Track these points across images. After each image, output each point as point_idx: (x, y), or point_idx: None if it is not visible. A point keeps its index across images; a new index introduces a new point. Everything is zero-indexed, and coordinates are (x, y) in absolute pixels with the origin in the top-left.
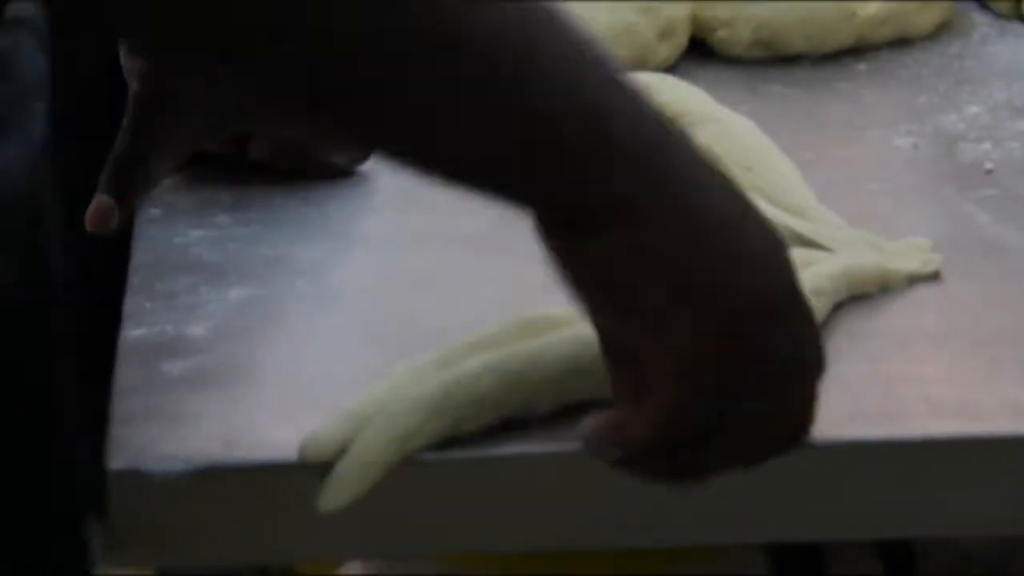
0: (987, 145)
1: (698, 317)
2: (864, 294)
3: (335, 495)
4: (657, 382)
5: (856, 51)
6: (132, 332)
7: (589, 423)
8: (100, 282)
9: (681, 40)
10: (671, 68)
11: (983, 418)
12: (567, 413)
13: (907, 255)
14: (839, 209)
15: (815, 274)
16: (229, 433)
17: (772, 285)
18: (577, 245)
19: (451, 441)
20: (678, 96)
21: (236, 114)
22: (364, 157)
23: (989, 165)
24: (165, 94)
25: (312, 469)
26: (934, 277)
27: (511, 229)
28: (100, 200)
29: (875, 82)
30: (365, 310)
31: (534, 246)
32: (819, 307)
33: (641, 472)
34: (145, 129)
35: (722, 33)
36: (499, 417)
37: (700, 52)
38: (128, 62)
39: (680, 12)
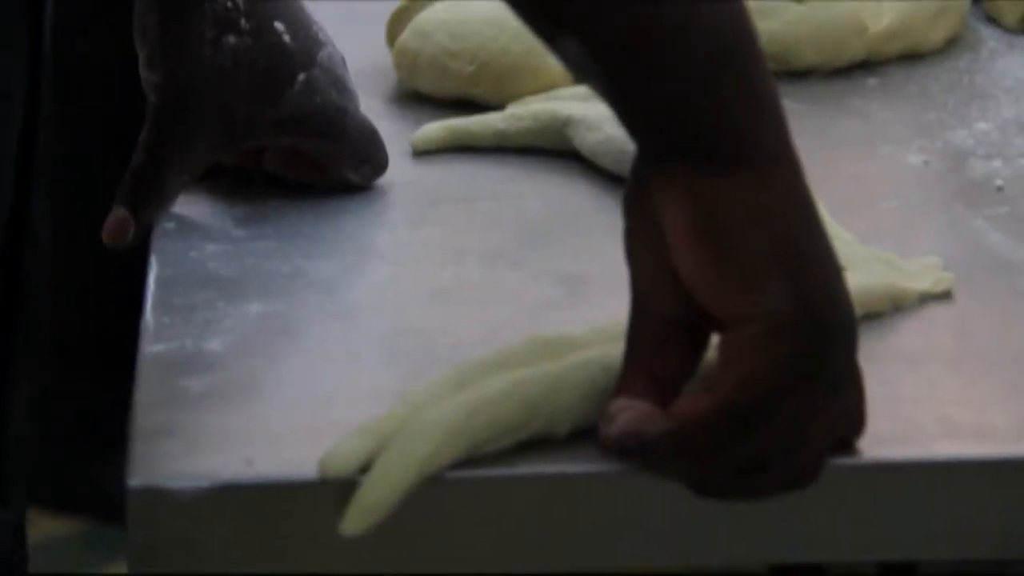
0: (997, 162)
1: (794, 284)
2: (876, 313)
3: (357, 520)
4: (737, 338)
5: (866, 66)
6: (151, 347)
7: (614, 423)
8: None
9: None
10: None
11: (1001, 440)
12: (586, 434)
13: (919, 274)
14: (851, 226)
15: None
16: (249, 450)
17: (847, 290)
18: (699, 179)
19: (470, 460)
20: None
21: (251, 128)
22: (377, 173)
23: (999, 182)
24: (183, 108)
25: (332, 486)
26: (946, 296)
27: (525, 245)
28: (117, 213)
29: (886, 97)
30: (381, 326)
31: (548, 262)
32: None
33: (672, 458)
34: (162, 143)
35: None
36: (518, 440)
37: None
38: (146, 74)
39: None
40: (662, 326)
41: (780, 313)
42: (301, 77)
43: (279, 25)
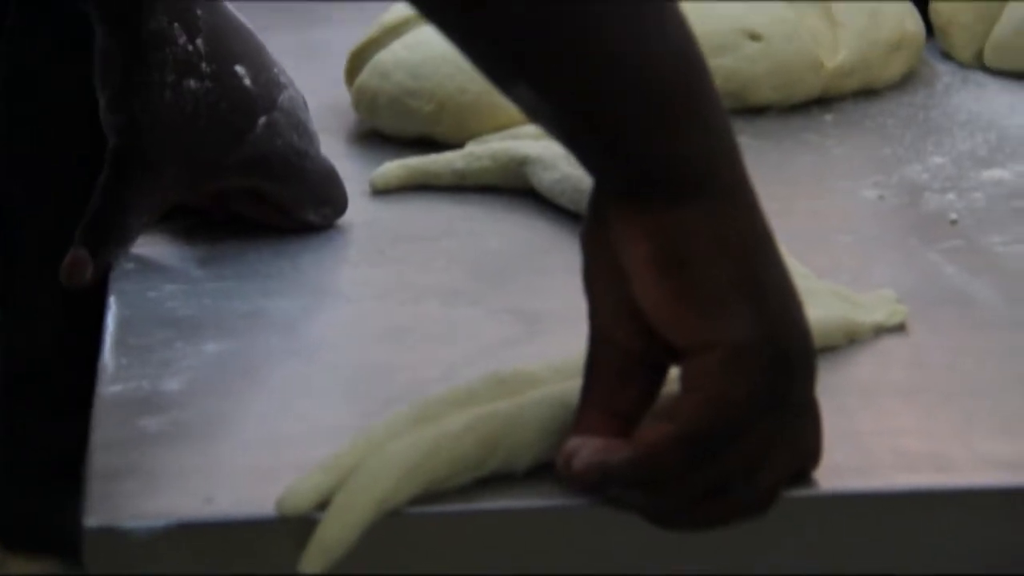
0: (951, 196)
1: (756, 311)
2: (831, 347)
3: (316, 558)
4: (698, 378)
5: (823, 101)
6: (109, 388)
7: (575, 459)
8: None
9: None
10: None
11: (956, 471)
12: (545, 469)
13: (874, 307)
14: (808, 261)
15: None
16: (207, 489)
17: (806, 319)
18: (658, 212)
19: (430, 496)
20: None
21: (212, 170)
22: (338, 214)
23: (953, 216)
24: (142, 150)
25: (290, 524)
26: (900, 329)
27: (483, 283)
28: (76, 253)
29: (842, 133)
30: (340, 364)
31: (506, 299)
32: None
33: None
34: (122, 185)
35: None
36: (478, 476)
37: None
38: (107, 117)
39: None
40: (621, 359)
41: (743, 340)
42: (262, 120)
43: (240, 69)
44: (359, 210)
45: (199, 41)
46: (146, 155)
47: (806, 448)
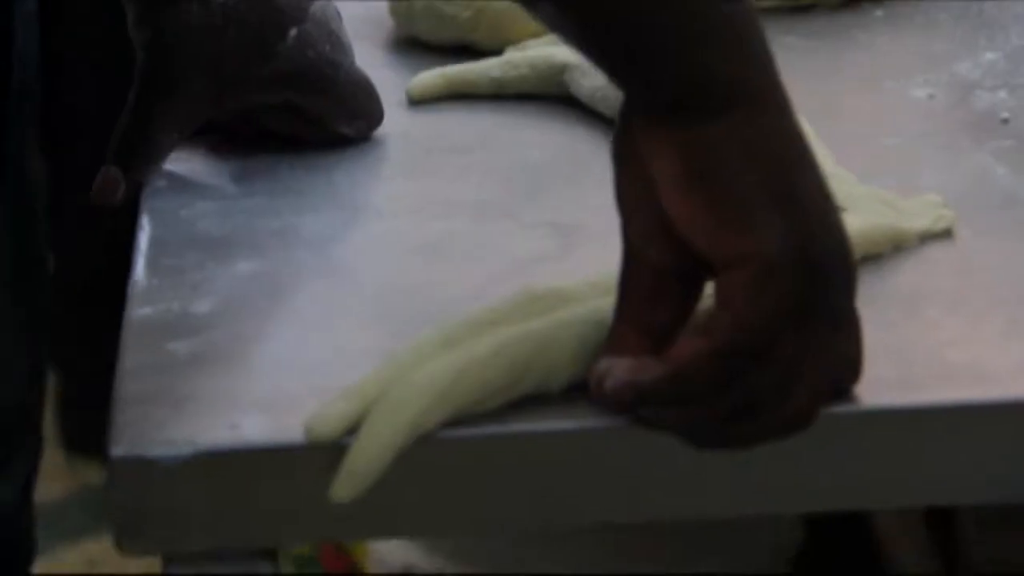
0: (1003, 94)
1: (789, 223)
2: (875, 254)
3: (347, 486)
4: (735, 278)
5: None
6: (138, 311)
7: (607, 378)
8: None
9: None
10: None
11: (998, 382)
12: (581, 389)
13: (920, 212)
14: (854, 163)
15: None
16: (234, 415)
17: (845, 230)
18: (686, 127)
19: (461, 420)
20: None
21: (242, 84)
22: (372, 126)
23: (1005, 114)
24: (171, 66)
25: (319, 451)
26: (947, 234)
27: (519, 195)
28: (107, 172)
29: (892, 29)
30: (371, 282)
31: (542, 213)
32: None
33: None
34: (150, 101)
35: None
36: (508, 400)
37: None
38: (134, 33)
39: None
40: (654, 275)
41: (775, 253)
42: (293, 32)
43: None
44: (395, 121)
45: None
46: (174, 70)
47: (845, 360)
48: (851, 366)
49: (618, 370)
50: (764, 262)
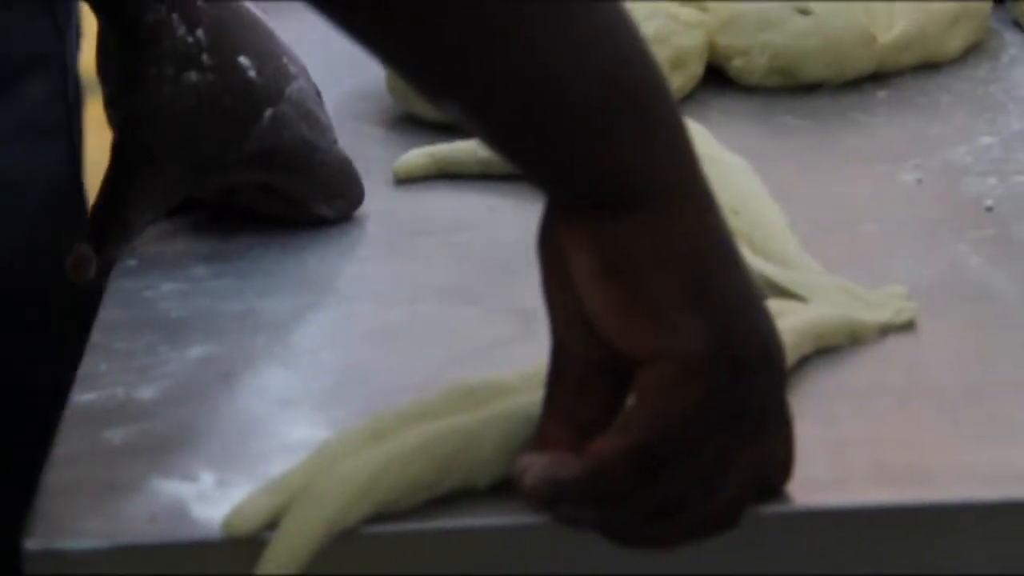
0: (992, 180)
1: (707, 320)
2: (833, 347)
3: None
4: (652, 376)
5: (878, 77)
6: (81, 397)
7: (528, 473)
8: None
9: (695, 70)
10: (686, 98)
11: (934, 484)
12: (509, 483)
13: (882, 305)
14: (829, 250)
15: (780, 328)
16: (158, 507)
17: (772, 325)
18: (602, 223)
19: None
20: None
21: (217, 165)
22: (352, 206)
23: (990, 202)
24: (147, 144)
25: (237, 545)
26: (908, 327)
27: (488, 279)
28: (79, 250)
29: (892, 111)
30: (321, 369)
31: (507, 297)
32: None
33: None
34: (124, 182)
35: (738, 62)
36: (433, 496)
37: (718, 81)
38: (110, 111)
39: (694, 42)
40: (581, 370)
41: (693, 351)
42: (268, 113)
43: (244, 60)
44: (381, 199)
45: (200, 32)
46: (148, 151)
47: (773, 460)
48: (780, 466)
49: (537, 466)
50: (681, 361)
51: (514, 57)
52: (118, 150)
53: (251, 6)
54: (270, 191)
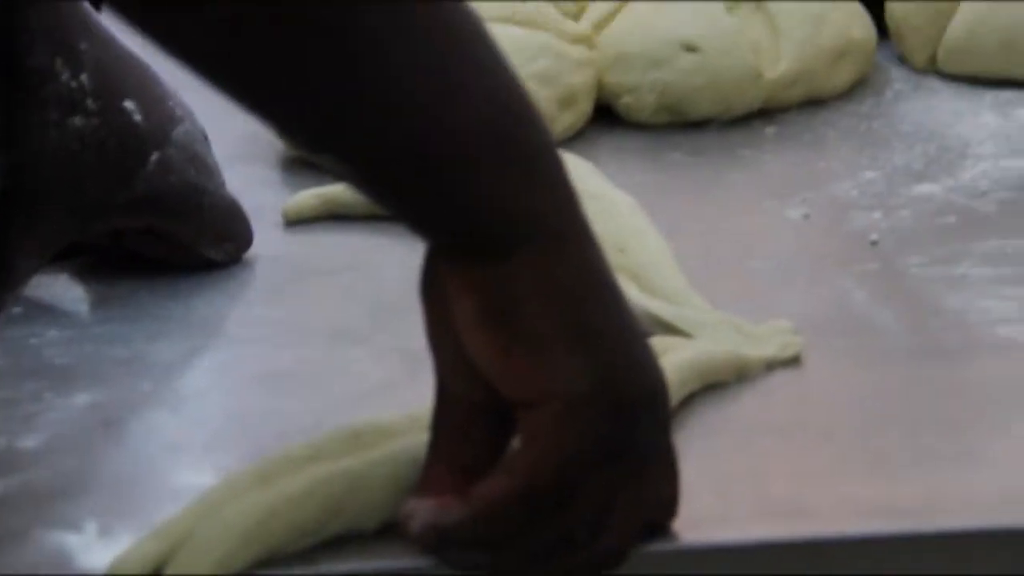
0: (877, 214)
1: (588, 360)
2: (720, 382)
3: None
4: (536, 419)
5: (766, 113)
6: None
7: (413, 519)
8: None
9: (584, 108)
10: (575, 136)
11: (818, 518)
12: (393, 527)
13: (768, 339)
14: (716, 286)
15: (663, 365)
16: (40, 558)
17: (655, 362)
18: (480, 266)
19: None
20: None
21: (102, 209)
22: (241, 249)
23: (875, 236)
24: (30, 190)
25: None
26: (795, 362)
27: (377, 320)
28: None
29: (779, 147)
30: (209, 414)
31: (395, 338)
32: None
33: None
34: (7, 227)
35: (627, 99)
36: (321, 539)
37: (607, 118)
38: None
39: (583, 79)
40: (464, 412)
41: (574, 392)
42: (154, 157)
43: (129, 104)
44: (271, 242)
45: (84, 76)
46: (31, 197)
47: (658, 498)
48: (665, 504)
49: (421, 512)
50: (563, 402)
51: (384, 106)
52: (2, 194)
53: (136, 50)
54: (157, 235)
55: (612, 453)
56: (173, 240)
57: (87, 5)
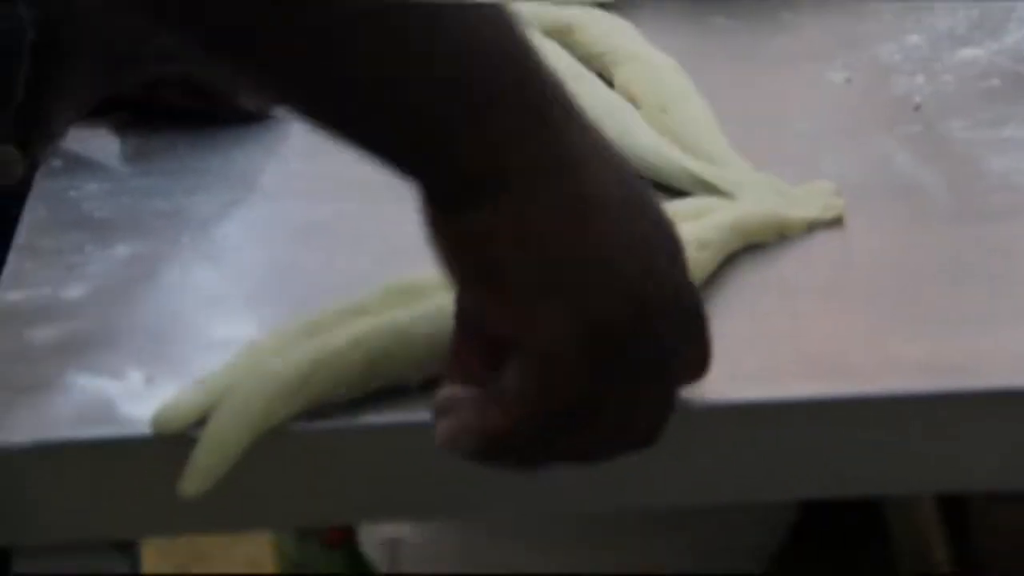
0: (920, 78)
1: (572, 302)
2: (761, 243)
3: (194, 481)
4: (522, 366)
5: None
6: (7, 296)
7: (440, 421)
8: None
9: None
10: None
11: (858, 377)
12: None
13: (809, 201)
14: (758, 149)
15: (705, 225)
16: (85, 406)
17: (651, 276)
18: (456, 217)
19: (315, 412)
20: (602, 32)
21: (135, 60)
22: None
23: (918, 99)
24: (62, 42)
25: (167, 442)
26: (836, 223)
27: None
28: (4, 152)
29: (820, 10)
30: (250, 265)
31: None
32: (704, 260)
33: (495, 462)
34: (44, 79)
35: None
36: (365, 392)
37: None
38: (24, 11)
39: None
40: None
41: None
42: None
43: None
44: None
45: None
46: (62, 49)
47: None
48: (696, 364)
49: (441, 427)
50: (550, 340)
51: (341, 62)
52: (34, 49)
53: None
54: (194, 86)
55: (601, 380)
56: (210, 90)
57: None
